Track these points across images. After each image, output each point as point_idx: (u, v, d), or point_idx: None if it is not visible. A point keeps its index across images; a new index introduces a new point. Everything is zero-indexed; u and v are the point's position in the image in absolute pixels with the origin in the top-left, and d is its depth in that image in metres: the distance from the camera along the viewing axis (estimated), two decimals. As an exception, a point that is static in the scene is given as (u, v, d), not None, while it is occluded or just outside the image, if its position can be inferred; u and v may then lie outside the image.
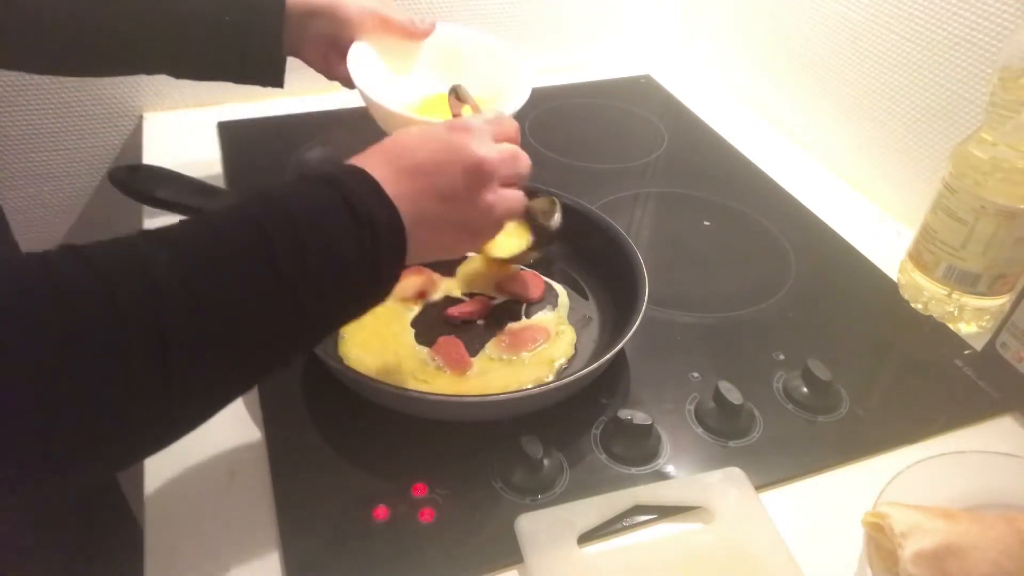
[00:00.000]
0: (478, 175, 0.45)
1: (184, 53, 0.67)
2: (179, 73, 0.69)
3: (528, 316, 0.66)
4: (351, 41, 0.69)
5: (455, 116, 0.54)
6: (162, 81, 0.94)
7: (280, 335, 0.39)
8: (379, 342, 0.62)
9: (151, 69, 0.69)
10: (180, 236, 0.36)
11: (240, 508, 0.51)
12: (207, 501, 0.52)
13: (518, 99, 0.69)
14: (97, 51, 0.65)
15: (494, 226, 0.49)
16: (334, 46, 0.70)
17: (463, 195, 0.45)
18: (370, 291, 0.43)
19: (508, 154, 0.48)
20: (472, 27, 0.77)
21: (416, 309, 0.66)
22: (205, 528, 0.50)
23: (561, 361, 0.62)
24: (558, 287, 0.69)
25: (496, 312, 0.66)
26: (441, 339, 0.63)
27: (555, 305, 0.68)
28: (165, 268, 0.34)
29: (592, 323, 0.67)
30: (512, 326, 0.65)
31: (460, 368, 0.60)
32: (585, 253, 0.71)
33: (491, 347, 0.63)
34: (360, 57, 0.69)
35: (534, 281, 0.69)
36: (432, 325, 0.65)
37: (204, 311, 0.35)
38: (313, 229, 0.39)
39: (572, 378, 0.55)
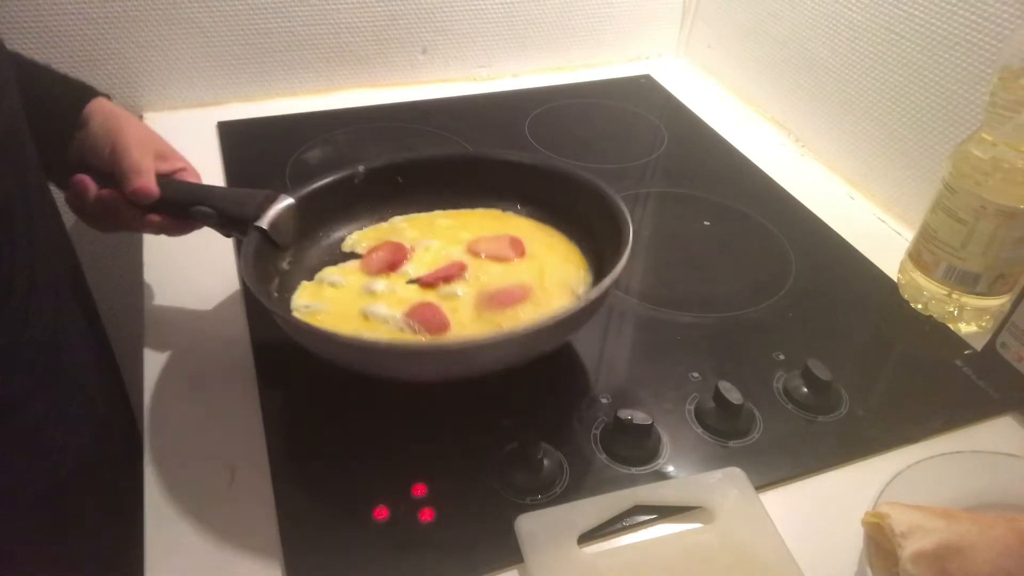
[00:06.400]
0: None
1: None
2: None
3: (509, 278, 0.62)
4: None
5: None
6: (162, 81, 0.95)
7: None
8: (351, 316, 0.59)
9: None
10: None
11: (240, 508, 0.51)
12: (207, 501, 0.52)
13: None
14: None
15: None
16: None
17: None
18: None
19: None
20: None
21: (386, 282, 0.62)
22: (205, 528, 0.50)
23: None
24: (541, 246, 0.66)
25: (474, 276, 0.63)
26: (415, 304, 0.60)
27: (537, 266, 0.64)
28: None
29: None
30: (491, 286, 0.61)
31: (438, 329, 0.57)
32: (563, 210, 0.68)
33: (470, 309, 0.59)
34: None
35: (514, 243, 0.65)
36: (405, 294, 0.61)
37: None
38: None
39: (565, 314, 0.51)
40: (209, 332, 0.66)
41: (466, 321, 0.58)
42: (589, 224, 0.66)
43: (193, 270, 0.71)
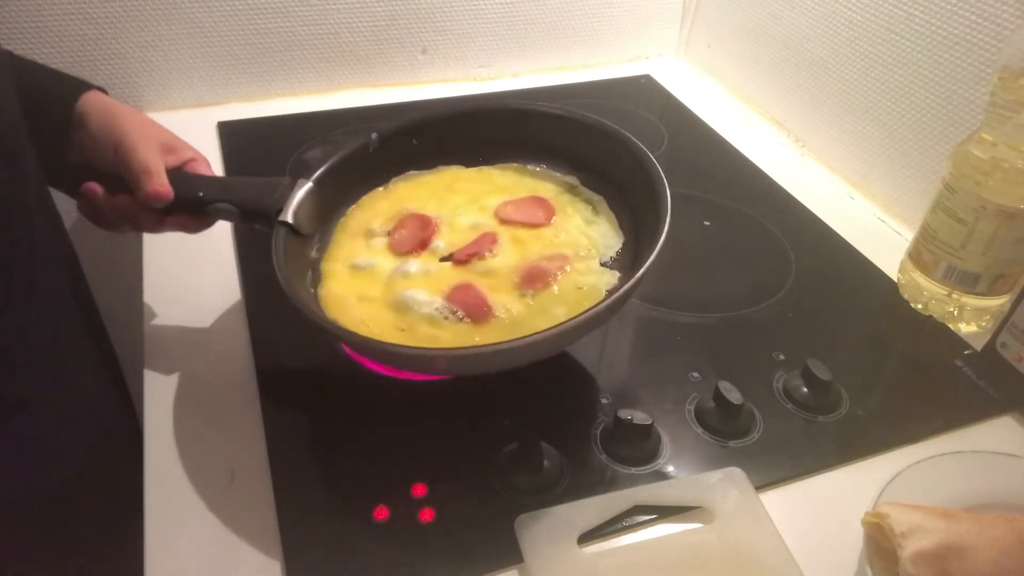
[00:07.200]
0: None
1: None
2: None
3: (545, 245, 0.61)
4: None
5: None
6: (162, 81, 0.95)
7: None
8: (387, 304, 0.57)
9: None
10: None
11: (240, 508, 0.51)
12: (207, 501, 0.52)
13: None
14: None
15: None
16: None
17: None
18: None
19: None
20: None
21: (419, 261, 0.60)
22: (205, 528, 0.50)
23: (595, 284, 0.56)
24: (571, 209, 0.64)
25: (506, 247, 0.61)
26: (454, 287, 0.57)
27: (569, 230, 0.62)
28: None
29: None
30: (528, 258, 0.59)
31: (482, 315, 0.54)
32: (587, 162, 0.66)
33: (509, 287, 0.57)
34: None
35: (541, 205, 0.63)
36: (440, 274, 0.59)
37: None
38: None
39: (608, 302, 0.49)
40: (209, 332, 0.66)
41: (507, 302, 0.56)
42: (617, 178, 0.63)
43: (193, 268, 0.71)
